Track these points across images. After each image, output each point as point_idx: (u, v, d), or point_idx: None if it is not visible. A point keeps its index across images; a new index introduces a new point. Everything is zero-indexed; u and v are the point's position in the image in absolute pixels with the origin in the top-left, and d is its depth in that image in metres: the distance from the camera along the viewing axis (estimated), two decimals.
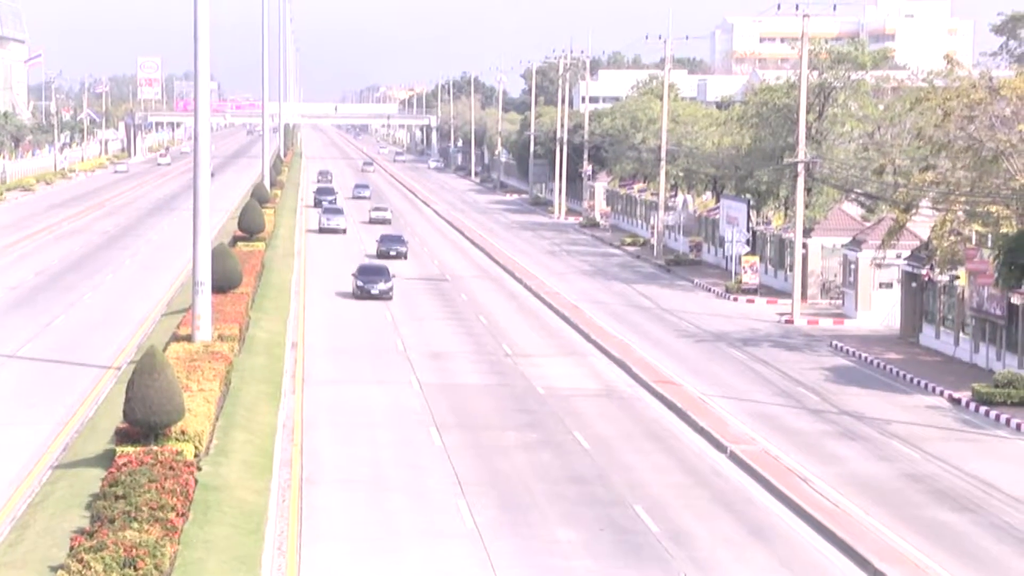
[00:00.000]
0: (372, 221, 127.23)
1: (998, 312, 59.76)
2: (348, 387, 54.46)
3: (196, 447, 38.43)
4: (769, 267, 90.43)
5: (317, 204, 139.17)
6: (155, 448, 36.53)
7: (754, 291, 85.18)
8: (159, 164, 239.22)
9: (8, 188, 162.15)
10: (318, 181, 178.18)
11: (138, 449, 36.45)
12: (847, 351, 65.96)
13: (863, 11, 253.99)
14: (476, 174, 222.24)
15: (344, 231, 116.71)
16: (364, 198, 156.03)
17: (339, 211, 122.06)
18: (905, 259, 70.02)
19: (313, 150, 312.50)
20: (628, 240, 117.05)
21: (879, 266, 73.05)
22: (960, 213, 63.41)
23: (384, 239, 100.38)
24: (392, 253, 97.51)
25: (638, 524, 37.54)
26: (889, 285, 74.47)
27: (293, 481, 40.56)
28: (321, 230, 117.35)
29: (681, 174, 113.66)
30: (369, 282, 78.60)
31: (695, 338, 69.97)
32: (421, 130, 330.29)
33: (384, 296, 78.35)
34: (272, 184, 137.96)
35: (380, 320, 71.73)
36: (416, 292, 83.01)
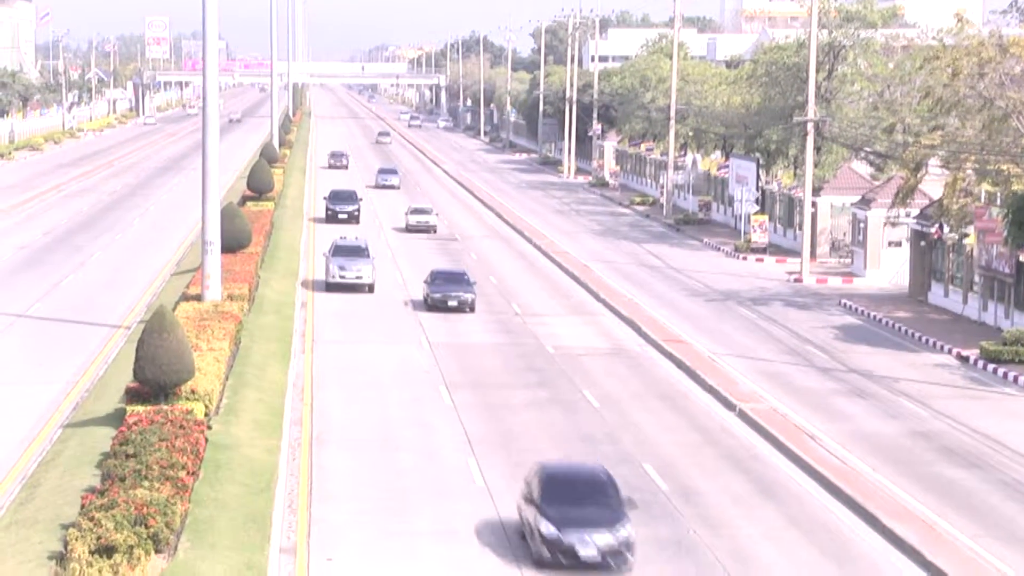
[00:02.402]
0: (411, 229, 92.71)
1: (1007, 270, 59.72)
2: (358, 346, 54.53)
3: (206, 406, 38.55)
4: (778, 226, 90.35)
5: (330, 219, 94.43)
6: (165, 407, 36.64)
7: (763, 250, 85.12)
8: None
9: (17, 147, 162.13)
10: (330, 166, 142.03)
11: (148, 408, 36.57)
12: (856, 309, 65.96)
13: None
14: (485, 133, 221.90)
15: (369, 287, 66.82)
16: (391, 187, 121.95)
17: (360, 253, 67.60)
18: (914, 218, 69.95)
19: (322, 109, 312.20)
20: (637, 199, 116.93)
21: (892, 225, 72.96)
22: (970, 172, 63.30)
23: (440, 279, 63.62)
24: (453, 304, 61.95)
25: (647, 482, 37.64)
26: (898, 244, 74.41)
27: (303, 440, 40.68)
28: (330, 286, 66.62)
29: (690, 133, 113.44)
30: None
31: (704, 297, 69.98)
32: (430, 89, 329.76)
33: None
34: (281, 144, 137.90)
35: (390, 280, 71.74)
36: (426, 252, 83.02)
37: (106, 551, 26.67)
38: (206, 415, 38.18)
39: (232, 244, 62.15)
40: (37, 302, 61.80)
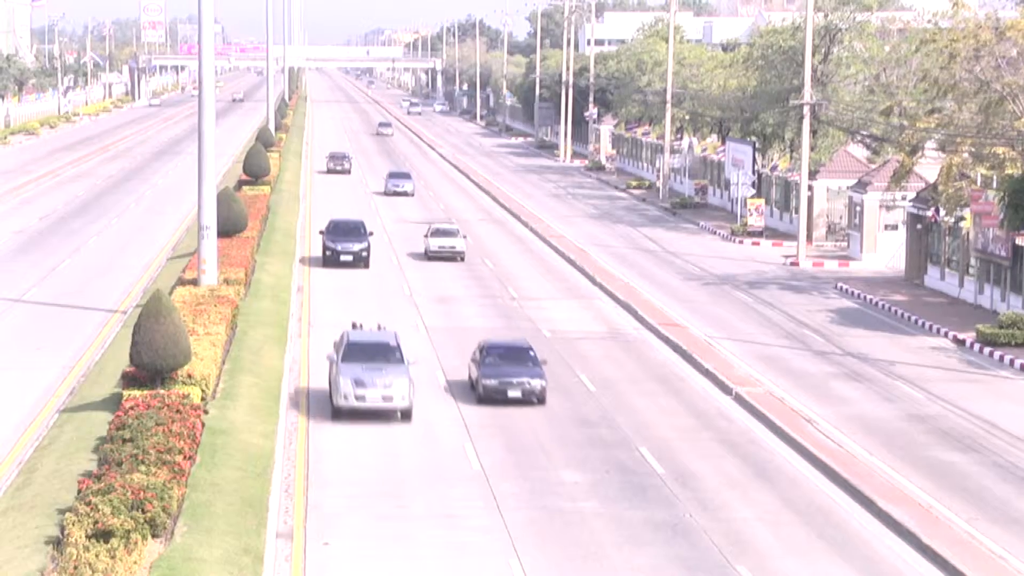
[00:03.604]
0: (433, 256, 73.82)
1: (1003, 253, 59.74)
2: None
3: (203, 390, 38.57)
4: (774, 209, 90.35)
5: (330, 262, 69.43)
6: (162, 391, 36.66)
7: (759, 233, 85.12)
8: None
9: (12, 132, 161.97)
10: (329, 170, 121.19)
11: (145, 392, 36.59)
12: (852, 293, 66.00)
13: None
14: (481, 117, 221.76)
15: (403, 412, 41.84)
16: (404, 194, 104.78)
17: (389, 356, 42.15)
18: (910, 201, 69.96)
19: (319, 94, 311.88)
20: (634, 183, 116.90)
21: (888, 208, 72.94)
22: (967, 155, 63.31)
23: (494, 355, 44.89)
24: (516, 394, 43.80)
25: (644, 466, 37.69)
26: (894, 227, 74.43)
27: (300, 424, 40.70)
28: (338, 412, 41.86)
29: (687, 117, 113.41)
30: None
31: (701, 281, 70.00)
32: (426, 73, 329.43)
33: None
34: (277, 127, 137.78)
35: (386, 264, 71.74)
36: (422, 236, 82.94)
37: (103, 536, 26.70)
38: (203, 400, 38.20)
39: (228, 228, 62.12)
40: (33, 287, 61.78)
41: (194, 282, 52.61)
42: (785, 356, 52.33)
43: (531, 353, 44.67)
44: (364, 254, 69.23)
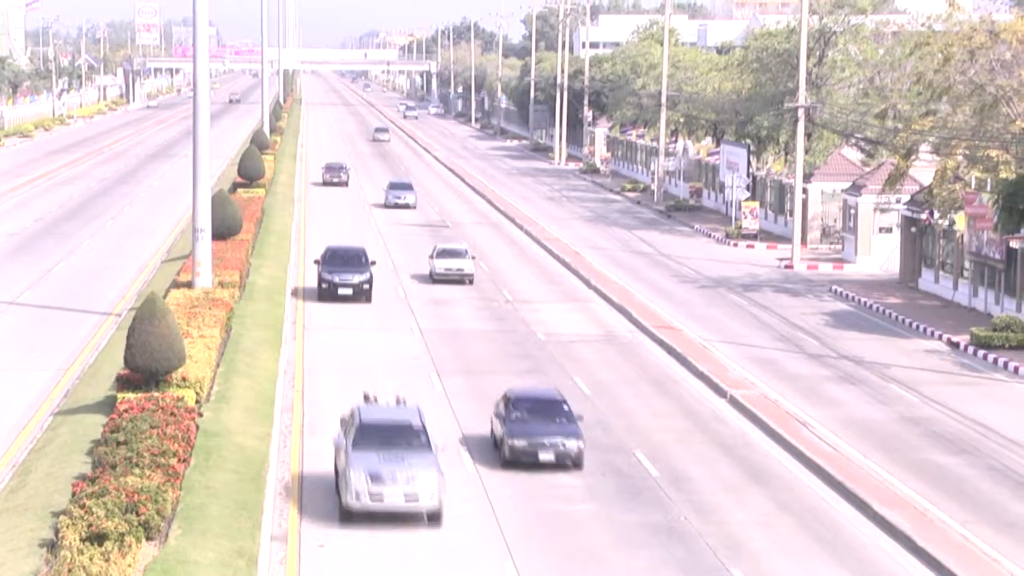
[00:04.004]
0: (439, 279, 67.26)
1: (997, 256, 59.78)
2: (349, 333, 54.50)
3: (197, 393, 38.54)
4: (769, 212, 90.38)
5: (327, 296, 61.07)
6: (156, 394, 36.64)
7: (754, 236, 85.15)
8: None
9: (6, 134, 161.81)
10: (325, 182, 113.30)
11: (139, 395, 36.56)
12: (847, 296, 66.02)
13: None
14: (476, 120, 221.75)
15: (432, 515, 32.99)
16: (406, 206, 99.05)
17: (410, 440, 33.84)
18: (905, 204, 70.00)
19: (313, 96, 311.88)
20: (628, 186, 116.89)
21: (883, 211, 72.96)
22: (961, 158, 63.34)
23: (522, 407, 38.60)
24: (548, 457, 37.54)
25: (638, 469, 37.69)
26: (889, 230, 74.47)
27: (294, 427, 40.68)
28: (347, 514, 33.00)
29: (681, 120, 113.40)
30: None
31: (695, 283, 70.01)
32: (421, 76, 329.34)
33: None
34: (272, 130, 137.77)
35: (382, 268, 71.68)
36: (417, 238, 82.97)
37: (97, 538, 26.68)
38: (197, 402, 38.17)
39: (223, 231, 62.09)
40: (27, 289, 61.74)
41: (189, 285, 52.57)
42: (779, 359, 52.34)
43: (565, 407, 38.32)
44: (366, 287, 60.97)
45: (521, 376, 48.13)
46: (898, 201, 70.56)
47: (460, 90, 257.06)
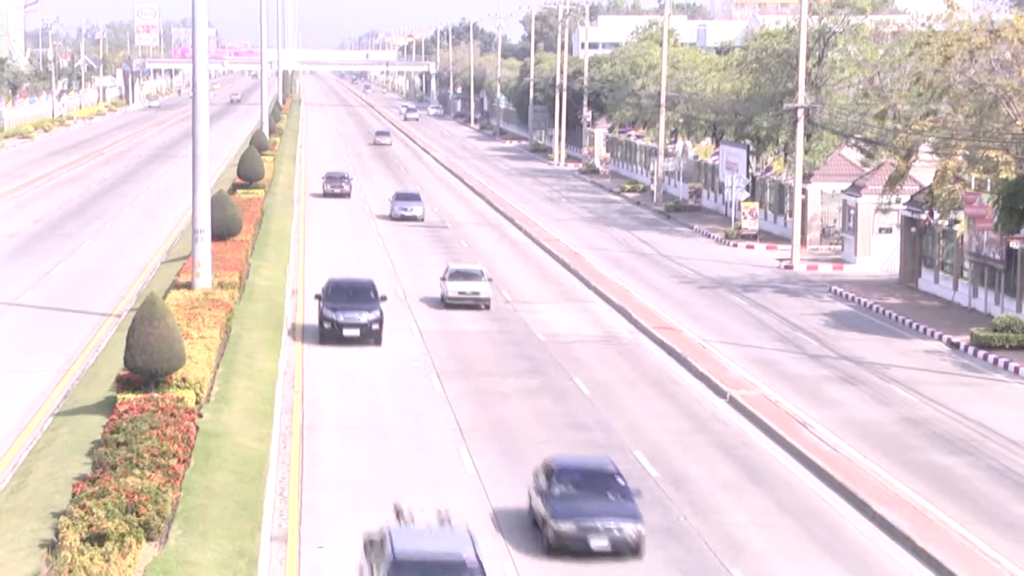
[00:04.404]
0: (451, 303, 60.73)
1: (997, 257, 59.77)
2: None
3: (197, 394, 38.53)
4: (769, 213, 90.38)
5: (330, 337, 52.63)
6: (156, 395, 36.62)
7: (754, 237, 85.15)
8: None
9: (6, 135, 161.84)
10: (325, 193, 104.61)
11: (139, 396, 36.55)
12: (846, 296, 66.01)
13: None
14: (476, 121, 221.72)
15: None
16: (413, 219, 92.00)
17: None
18: (905, 204, 69.99)
19: (313, 97, 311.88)
20: (628, 186, 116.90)
21: (883, 211, 72.99)
22: (961, 159, 63.33)
23: (568, 492, 31.98)
24: (599, 546, 31.15)
25: (638, 469, 37.68)
26: (888, 230, 74.45)
27: (294, 428, 40.69)
28: None
29: (681, 120, 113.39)
30: None
31: (695, 284, 70.01)
32: (420, 77, 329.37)
33: None
34: (271, 131, 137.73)
35: (380, 267, 71.70)
36: (416, 239, 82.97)
37: (97, 539, 26.67)
38: (197, 403, 38.16)
39: (223, 232, 62.09)
40: (27, 290, 61.74)
41: (188, 286, 52.56)
42: (779, 359, 52.33)
43: (619, 481, 32.17)
44: (375, 327, 52.01)
45: (522, 377, 48.14)
46: (898, 201, 70.55)
47: (459, 91, 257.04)
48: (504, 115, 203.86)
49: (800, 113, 77.75)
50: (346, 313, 51.86)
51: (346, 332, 51.53)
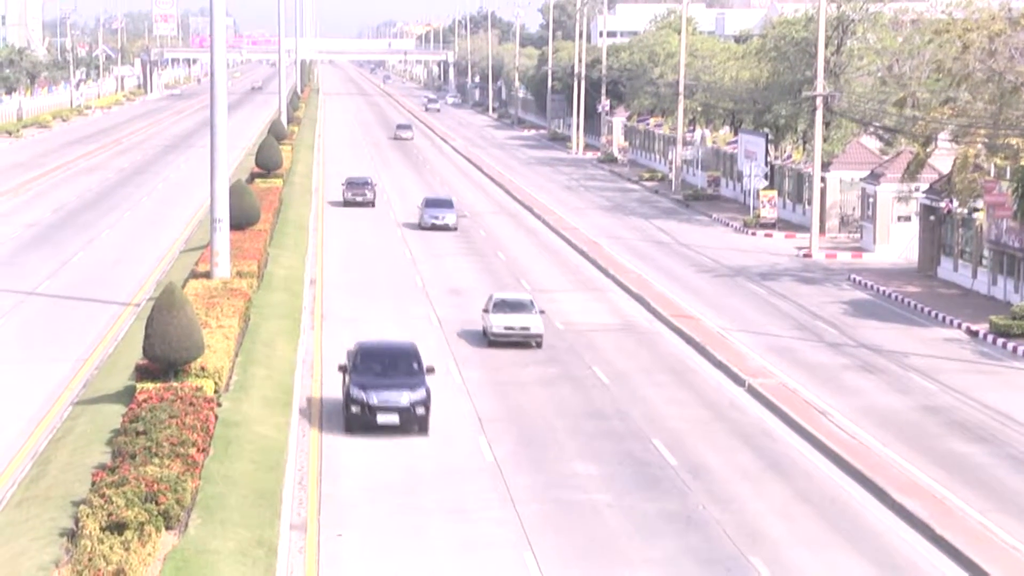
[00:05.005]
0: (497, 340, 51.34)
1: (1016, 245, 59.61)
2: (366, 323, 54.49)
3: (216, 383, 38.58)
4: (787, 201, 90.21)
5: (357, 420, 39.42)
6: (175, 384, 36.65)
7: (772, 225, 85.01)
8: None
9: (24, 125, 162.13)
10: (346, 202, 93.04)
11: (158, 385, 36.59)
12: (865, 284, 65.91)
13: None
14: (494, 110, 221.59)
15: None
16: (445, 228, 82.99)
17: None
18: (924, 192, 69.83)
19: (331, 86, 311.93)
20: (646, 175, 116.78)
21: (902, 199, 72.86)
22: (980, 146, 63.16)
23: None
24: None
25: (656, 458, 37.66)
26: (907, 218, 74.29)
27: (313, 417, 40.70)
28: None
29: (699, 109, 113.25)
30: None
31: (713, 273, 69.94)
32: (438, 66, 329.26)
33: None
34: (289, 120, 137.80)
35: (398, 256, 71.74)
36: (443, 241, 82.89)
37: (117, 528, 26.73)
38: (216, 392, 38.22)
39: (241, 221, 62.13)
40: (46, 280, 61.87)
41: (207, 275, 52.63)
42: (798, 348, 52.27)
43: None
44: (420, 410, 39.33)
45: (540, 365, 48.15)
46: (917, 190, 70.40)
47: (477, 80, 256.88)
48: (522, 104, 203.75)
49: (819, 101, 77.59)
50: (381, 393, 39.25)
51: (381, 419, 39.14)
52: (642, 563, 30.07)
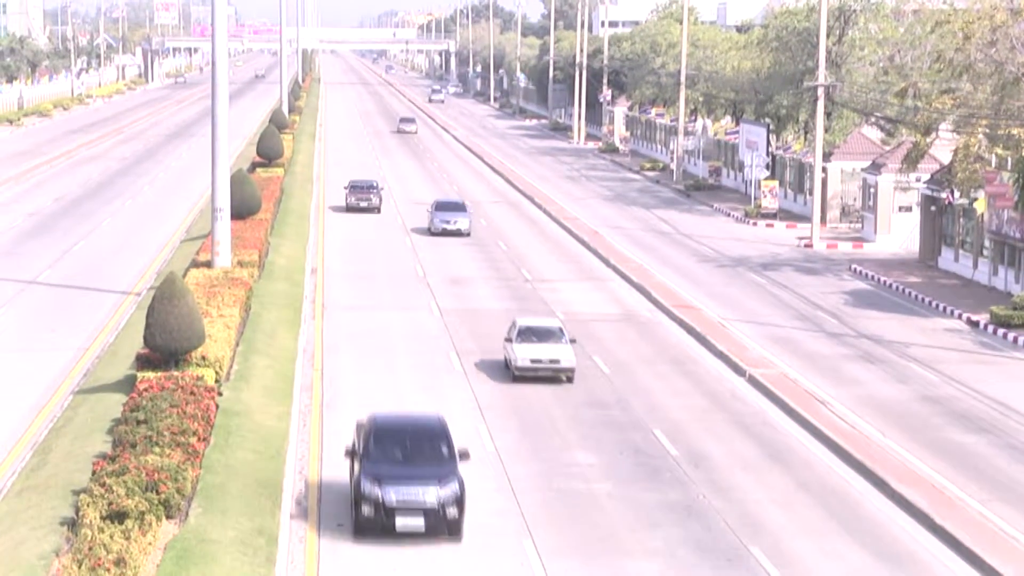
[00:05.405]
0: (522, 375, 44.82)
1: (1017, 235, 59.62)
2: (367, 312, 54.56)
3: (217, 372, 38.62)
4: (788, 191, 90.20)
5: (370, 523, 30.20)
6: (176, 373, 36.68)
7: (773, 215, 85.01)
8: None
9: (25, 114, 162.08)
10: (349, 207, 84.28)
11: (159, 374, 36.62)
12: (866, 274, 65.92)
13: None
14: (495, 99, 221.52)
15: None
16: (457, 233, 75.83)
17: None
18: (925, 182, 69.83)
19: (331, 76, 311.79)
20: (647, 165, 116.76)
21: (903, 190, 72.82)
22: (981, 137, 63.15)
23: None
24: None
25: (657, 447, 37.70)
26: (908, 209, 74.29)
27: (313, 406, 40.75)
28: None
29: (700, 98, 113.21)
30: None
31: (714, 263, 69.95)
32: (440, 55, 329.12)
33: None
34: (291, 110, 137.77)
35: (399, 246, 71.75)
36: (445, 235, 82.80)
37: (118, 517, 26.77)
38: (216, 381, 38.25)
39: (242, 210, 62.15)
40: (47, 269, 61.89)
41: (208, 264, 52.65)
42: (799, 338, 52.29)
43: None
44: (452, 511, 30.39)
45: None
46: (918, 180, 70.37)
47: (479, 69, 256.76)
48: (524, 94, 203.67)
49: (820, 91, 77.56)
50: (399, 488, 30.33)
51: (401, 523, 30.28)
52: (642, 553, 30.11)
